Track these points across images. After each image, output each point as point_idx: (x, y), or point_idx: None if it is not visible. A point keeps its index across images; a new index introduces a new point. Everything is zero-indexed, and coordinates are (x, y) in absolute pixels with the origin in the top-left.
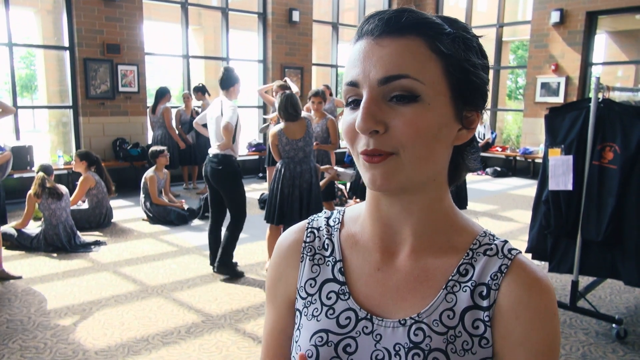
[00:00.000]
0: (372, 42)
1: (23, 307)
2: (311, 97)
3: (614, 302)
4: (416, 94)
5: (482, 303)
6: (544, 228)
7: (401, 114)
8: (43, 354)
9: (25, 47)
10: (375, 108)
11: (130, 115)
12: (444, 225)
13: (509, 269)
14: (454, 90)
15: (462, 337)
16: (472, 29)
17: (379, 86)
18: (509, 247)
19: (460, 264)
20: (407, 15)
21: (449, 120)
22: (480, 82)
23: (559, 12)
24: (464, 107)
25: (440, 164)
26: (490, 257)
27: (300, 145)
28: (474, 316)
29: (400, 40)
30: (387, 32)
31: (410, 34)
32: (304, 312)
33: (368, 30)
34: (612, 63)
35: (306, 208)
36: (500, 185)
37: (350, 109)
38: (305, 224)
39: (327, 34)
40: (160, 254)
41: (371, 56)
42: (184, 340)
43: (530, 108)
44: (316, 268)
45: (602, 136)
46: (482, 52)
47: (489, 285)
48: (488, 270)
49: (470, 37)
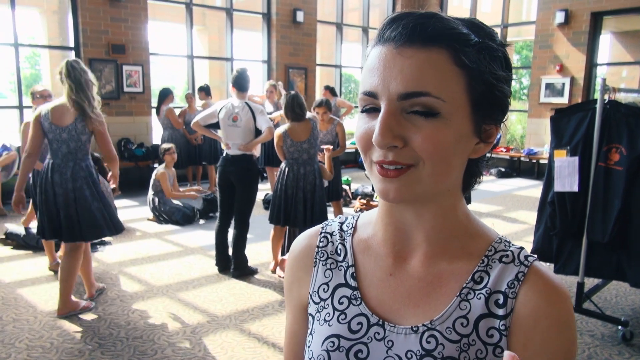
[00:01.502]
0: (394, 50)
1: (29, 307)
2: (315, 107)
3: (619, 304)
4: (436, 111)
5: (498, 311)
6: (549, 229)
7: (420, 129)
8: (49, 353)
9: (31, 47)
10: (394, 122)
11: (135, 116)
12: (457, 231)
13: (526, 277)
14: (475, 104)
15: (475, 346)
16: (498, 36)
17: (398, 101)
18: (525, 253)
19: (475, 271)
20: (433, 24)
21: (468, 134)
22: (502, 95)
23: (564, 13)
24: (483, 121)
25: (456, 176)
26: (506, 264)
27: (305, 147)
28: (488, 324)
29: (423, 52)
30: (410, 42)
31: (434, 45)
32: (316, 317)
33: (391, 37)
34: (617, 64)
35: (310, 210)
36: (505, 186)
37: (366, 115)
38: (318, 228)
39: (331, 34)
40: (165, 254)
41: (392, 66)
42: (189, 340)
43: (535, 109)
44: (329, 273)
45: (608, 138)
46: (507, 62)
47: (505, 293)
48: (504, 278)
49: (496, 47)
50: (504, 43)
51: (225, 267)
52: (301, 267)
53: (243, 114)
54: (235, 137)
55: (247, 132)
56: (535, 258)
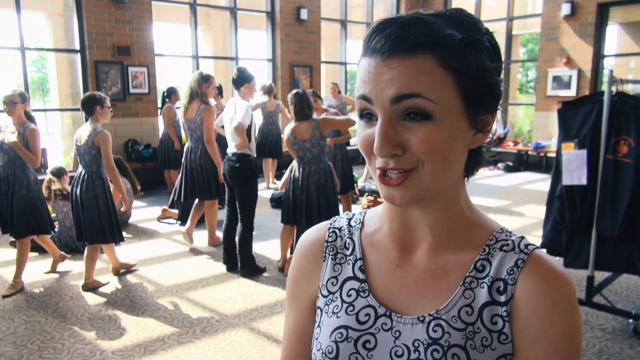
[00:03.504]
0: (380, 62)
1: (40, 308)
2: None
3: (630, 297)
4: (429, 113)
5: (500, 298)
6: (558, 223)
7: (415, 133)
8: (61, 354)
9: (37, 50)
10: (391, 131)
11: (141, 117)
12: (460, 222)
13: (525, 263)
14: (467, 101)
15: (481, 333)
16: (482, 23)
17: (392, 105)
18: (526, 242)
19: (477, 260)
20: (414, 32)
21: (463, 130)
22: (493, 86)
23: (570, 4)
24: (477, 113)
25: (457, 170)
26: (506, 252)
27: (307, 146)
28: (492, 312)
29: (409, 60)
30: (395, 53)
31: (419, 52)
32: (324, 310)
33: (376, 49)
34: (624, 55)
35: (317, 209)
36: (513, 180)
37: (364, 122)
38: (327, 224)
39: (336, 31)
40: (174, 254)
41: (381, 76)
42: (199, 339)
43: (542, 102)
44: (338, 267)
45: (616, 130)
46: (495, 49)
47: (505, 280)
48: (504, 265)
49: (481, 38)
50: (489, 30)
51: (234, 266)
52: (311, 262)
53: (232, 111)
54: (229, 136)
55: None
56: (535, 246)
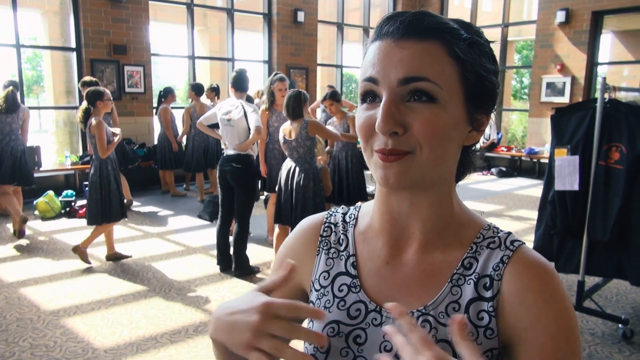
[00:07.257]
0: (392, 43)
1: (32, 306)
2: (322, 102)
3: (620, 303)
4: (434, 96)
5: (486, 294)
6: (550, 228)
7: (419, 113)
8: (53, 352)
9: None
10: (395, 109)
11: (136, 116)
12: (451, 221)
13: (510, 259)
14: (468, 93)
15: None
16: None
17: (399, 86)
18: (512, 238)
19: (465, 258)
20: (427, 20)
21: (462, 122)
22: (491, 86)
23: (565, 12)
24: (475, 110)
25: (451, 164)
26: (492, 249)
27: (294, 145)
28: (478, 308)
29: (420, 44)
30: (408, 35)
31: (430, 38)
32: (316, 304)
33: (389, 32)
34: (618, 63)
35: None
36: (506, 186)
37: (366, 104)
38: (322, 218)
39: (332, 34)
40: (167, 254)
41: (392, 57)
42: (192, 338)
43: (536, 108)
44: (330, 262)
45: (609, 136)
46: (494, 57)
47: (491, 276)
48: (491, 262)
49: (484, 43)
50: (489, 41)
51: (227, 266)
52: (305, 251)
53: (236, 113)
54: (231, 137)
55: (242, 132)
56: (521, 242)
